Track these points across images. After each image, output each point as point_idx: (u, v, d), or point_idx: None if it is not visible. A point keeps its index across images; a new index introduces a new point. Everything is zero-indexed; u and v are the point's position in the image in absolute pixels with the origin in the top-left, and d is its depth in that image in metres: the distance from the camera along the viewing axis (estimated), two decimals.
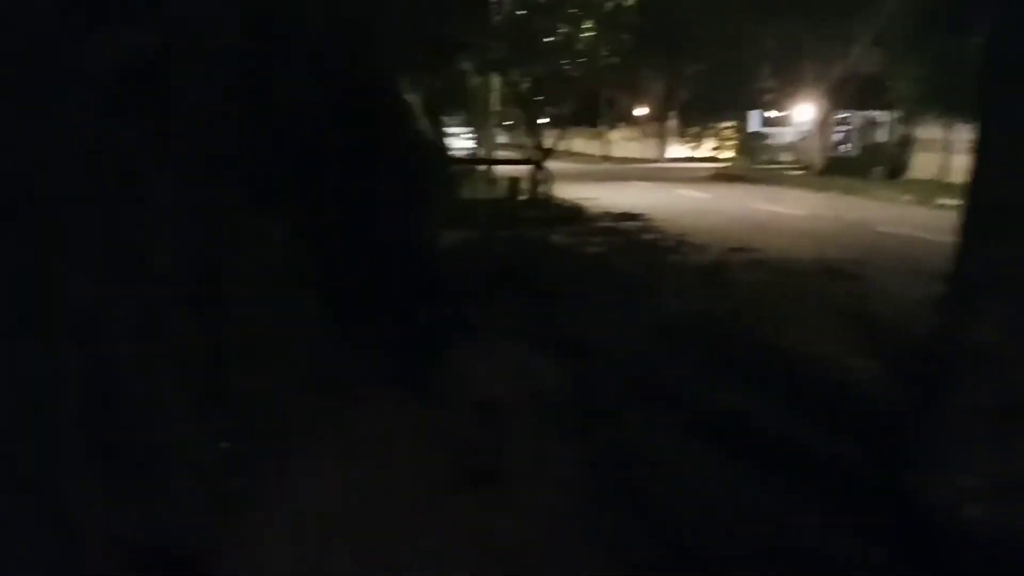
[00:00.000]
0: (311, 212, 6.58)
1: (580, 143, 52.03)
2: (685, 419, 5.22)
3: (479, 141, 27.22)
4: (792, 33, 30.73)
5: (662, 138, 44.66)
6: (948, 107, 22.61)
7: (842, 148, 31.68)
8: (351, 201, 7.02)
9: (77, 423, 3.36)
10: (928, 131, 26.45)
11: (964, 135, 23.62)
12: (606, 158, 45.47)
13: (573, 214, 17.49)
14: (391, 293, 6.83)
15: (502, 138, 32.86)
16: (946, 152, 25.30)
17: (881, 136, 30.51)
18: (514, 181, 19.50)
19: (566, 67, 20.40)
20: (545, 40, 19.85)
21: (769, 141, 39.33)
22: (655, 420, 5.21)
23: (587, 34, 20.96)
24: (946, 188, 22.46)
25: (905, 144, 27.36)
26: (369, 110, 7.78)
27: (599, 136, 47.72)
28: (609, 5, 19.89)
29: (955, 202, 20.47)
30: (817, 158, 29.07)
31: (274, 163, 6.02)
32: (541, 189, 19.47)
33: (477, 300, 7.62)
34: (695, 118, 43.60)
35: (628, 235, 14.71)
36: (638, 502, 4.28)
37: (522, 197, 18.99)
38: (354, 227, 7.11)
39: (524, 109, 21.94)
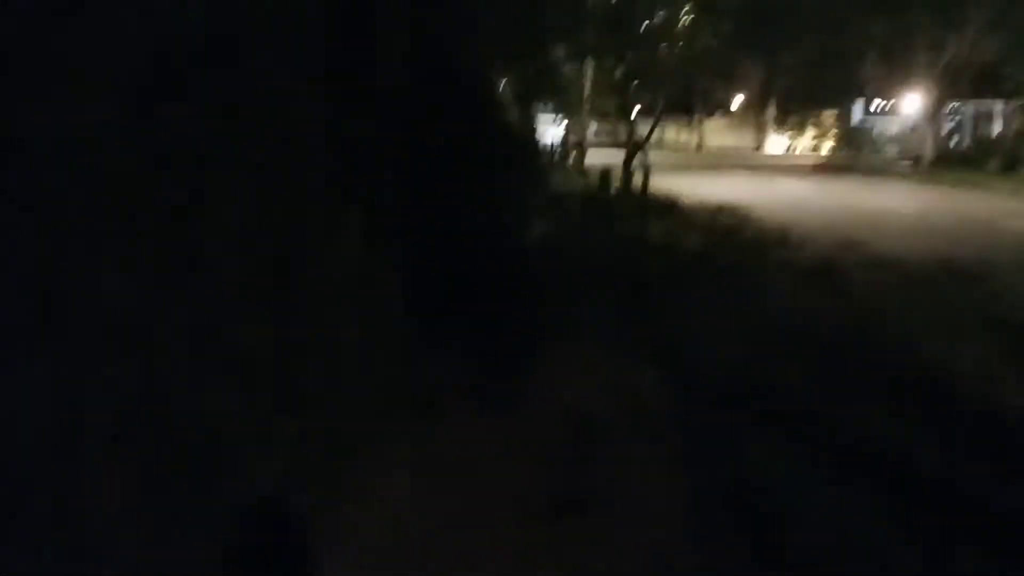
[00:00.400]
0: (394, 205, 6.14)
1: (675, 133, 50.95)
2: (810, 446, 4.59)
3: (572, 131, 26.63)
4: (900, 17, 29.35)
5: (760, 128, 43.25)
6: None
7: (953, 139, 29.99)
8: (437, 194, 6.57)
9: (112, 440, 2.95)
10: None
11: None
12: (701, 148, 44.30)
13: (669, 207, 16.77)
14: (479, 293, 6.36)
15: (595, 128, 32.22)
16: None
17: (995, 127, 28.80)
18: (607, 173, 18.86)
19: (662, 53, 19.60)
20: (641, 24, 19.10)
21: (873, 132, 37.62)
22: (773, 445, 4.59)
23: (685, 18, 20.10)
24: None
25: (1022, 137, 25.70)
26: (459, 99, 7.31)
27: (694, 125, 46.49)
28: None
29: None
30: (927, 150, 27.54)
31: (356, 152, 5.58)
32: (635, 180, 18.80)
33: (570, 301, 7.06)
34: (794, 107, 42.10)
35: (728, 230, 13.94)
36: (754, 540, 3.70)
37: (615, 189, 18.35)
38: (440, 222, 6.66)
39: (618, 98, 21.23)
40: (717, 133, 45.99)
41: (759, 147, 42.31)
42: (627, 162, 18.48)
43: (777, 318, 7.14)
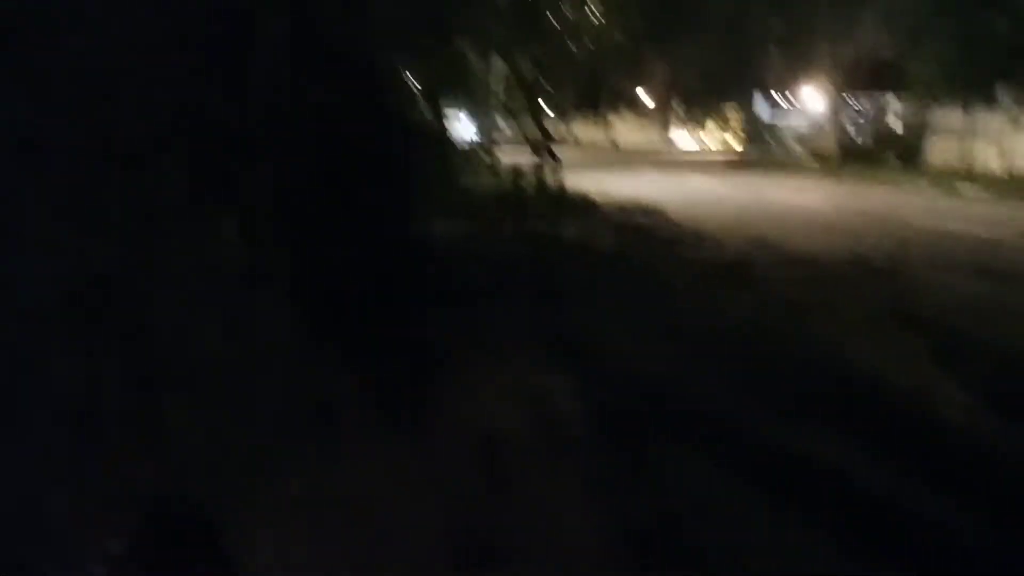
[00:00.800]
0: (280, 204, 5.49)
1: (581, 130, 50.81)
2: (741, 462, 4.12)
3: (480, 128, 26.06)
4: (797, 10, 29.65)
5: (666, 125, 43.45)
6: (969, 89, 21.48)
7: (850, 133, 30.38)
8: (329, 191, 5.93)
9: None
10: (943, 117, 25.33)
11: (982, 120, 22.59)
12: (609, 145, 44.26)
13: (583, 206, 16.35)
14: (378, 298, 5.75)
15: (505, 126, 31.72)
16: (962, 139, 24.20)
17: (892, 122, 29.32)
18: (519, 170, 18.35)
19: (572, 49, 19.20)
20: (550, 19, 18.65)
21: (777, 126, 38.11)
22: (693, 466, 4.11)
23: (594, 12, 19.71)
24: (968, 177, 21.40)
25: (920, 130, 26.16)
26: (350, 88, 6.70)
27: (601, 123, 46.44)
28: None
29: (980, 192, 19.87)
30: (831, 145, 27.84)
31: (229, 145, 4.91)
32: (547, 179, 18.33)
33: (479, 305, 6.50)
34: (699, 103, 42.40)
35: (643, 229, 13.58)
36: None
37: (528, 188, 17.86)
38: (333, 221, 6.03)
39: (527, 94, 20.71)
40: (625, 130, 46.04)
41: (667, 143, 42.48)
42: (540, 160, 17.97)
43: (694, 321, 6.71)
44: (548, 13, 18.25)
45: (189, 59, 4.26)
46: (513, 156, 20.60)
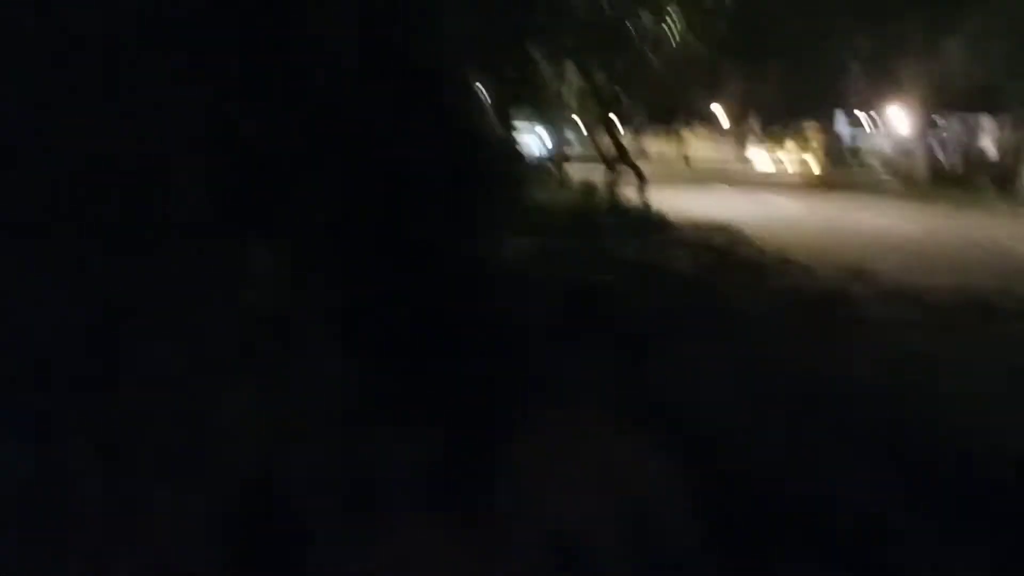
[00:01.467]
0: (329, 233, 4.70)
1: (655, 143, 49.61)
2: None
3: (554, 141, 25.27)
4: (885, 27, 28.23)
5: (743, 142, 42.08)
6: None
7: (940, 155, 28.77)
8: (385, 217, 5.14)
9: None
10: None
11: None
12: (683, 160, 43.06)
13: (657, 223, 15.40)
14: (439, 348, 4.91)
15: (578, 139, 30.98)
16: None
17: (984, 144, 27.69)
18: (591, 185, 17.49)
19: (648, 61, 18.24)
20: (627, 28, 17.72)
21: (859, 148, 36.54)
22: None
23: (673, 23, 18.67)
24: None
25: (1017, 154, 24.55)
26: (418, 101, 5.91)
27: (675, 136, 45.26)
28: None
29: None
30: (920, 167, 26.32)
31: (270, 165, 4.14)
32: (621, 194, 17.43)
33: (550, 353, 5.62)
34: (778, 120, 40.95)
35: (722, 250, 12.58)
36: None
37: (600, 203, 16.98)
38: (391, 251, 5.23)
39: (602, 106, 19.80)
40: (700, 145, 44.79)
41: (742, 161, 41.12)
42: (614, 175, 17.10)
43: (802, 377, 5.72)
44: (626, 22, 17.31)
45: (208, 53, 3.49)
46: (589, 171, 19.79)
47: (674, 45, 18.56)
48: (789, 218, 17.20)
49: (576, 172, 20.60)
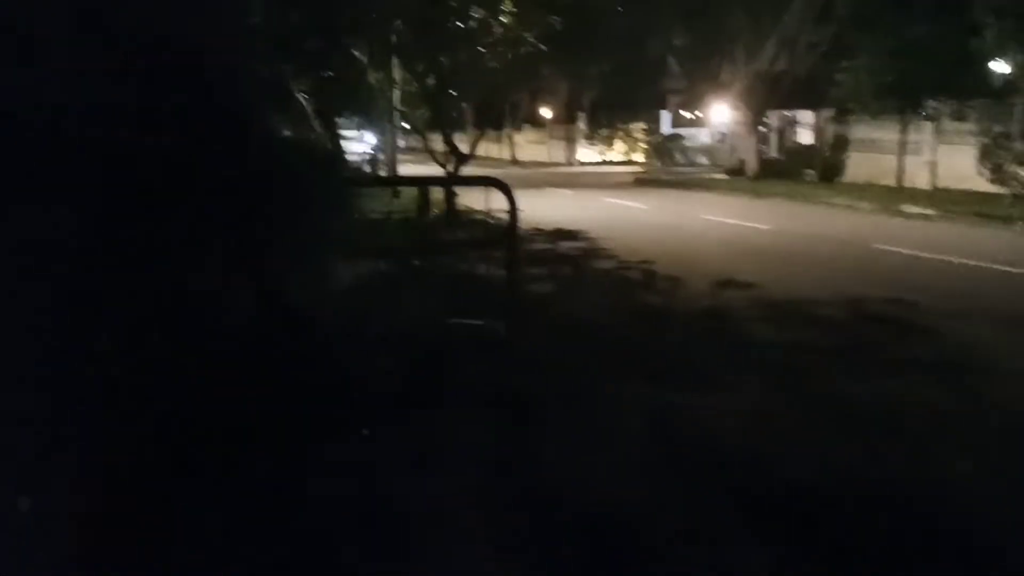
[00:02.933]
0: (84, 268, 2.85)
1: (483, 146, 48.47)
2: None
3: (384, 146, 23.44)
4: (704, 27, 28.08)
5: (571, 141, 41.48)
6: (895, 103, 19.98)
7: (766, 150, 28.77)
8: (162, 249, 3.34)
9: None
10: (862, 131, 23.93)
11: (904, 135, 21.14)
12: (514, 162, 42.05)
13: (500, 232, 13.91)
14: (226, 389, 3.21)
15: (405, 143, 29.30)
16: (879, 153, 22.81)
17: (803, 136, 27.89)
18: (424, 193, 15.79)
19: (481, 57, 16.70)
20: (456, 23, 16.15)
21: (684, 143, 36.55)
22: None
23: (504, 18, 17.17)
24: (897, 193, 19.88)
25: (839, 146, 24.68)
26: (207, 106, 4.13)
27: (504, 139, 44.23)
28: None
29: (924, 210, 18.49)
30: (750, 161, 26.10)
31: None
32: (456, 201, 15.84)
33: (380, 405, 3.96)
34: (604, 119, 40.63)
35: (576, 262, 11.25)
36: None
37: (436, 212, 15.34)
38: (167, 288, 3.47)
39: (432, 108, 18.19)
40: (529, 146, 43.97)
41: (572, 160, 40.50)
42: (448, 180, 15.50)
43: (701, 438, 4.29)
44: (453, 20, 15.74)
45: None
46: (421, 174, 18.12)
47: (501, 45, 17.15)
48: (637, 221, 16.12)
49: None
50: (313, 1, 14.81)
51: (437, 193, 15.76)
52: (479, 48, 16.27)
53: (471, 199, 19.13)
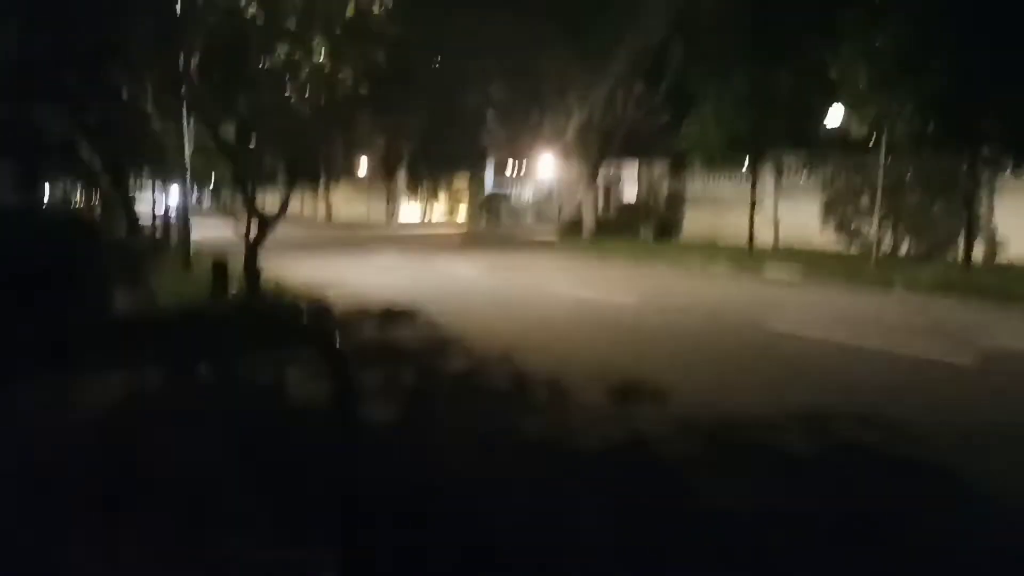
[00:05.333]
0: None
1: (298, 201, 45.15)
2: None
3: (174, 203, 20.02)
4: (521, 81, 26.46)
5: (391, 196, 38.83)
6: (739, 156, 18.65)
7: (597, 205, 27.15)
8: None
9: None
10: (697, 186, 22.70)
11: (749, 189, 19.89)
12: (329, 221, 38.90)
13: (317, 317, 10.99)
14: None
15: (204, 196, 25.74)
16: (717, 209, 21.56)
17: (629, 192, 26.54)
18: (222, 266, 12.63)
19: (288, 101, 13.76)
20: (259, 63, 13.23)
21: (511, 198, 34.68)
22: None
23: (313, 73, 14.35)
24: (743, 254, 18.47)
25: (675, 202, 23.35)
26: None
27: (319, 193, 41.05)
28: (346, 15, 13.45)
29: (785, 275, 15.68)
30: (587, 219, 24.30)
31: None
32: (261, 270, 12.78)
33: None
34: (425, 173, 38.28)
35: (419, 362, 8.52)
36: None
37: (235, 292, 12.20)
38: None
39: (231, 161, 14.99)
40: (346, 202, 40.97)
41: (393, 217, 37.82)
42: (251, 248, 12.41)
43: None
44: (259, 49, 12.76)
45: None
46: (219, 232, 15.00)
47: (313, 95, 14.36)
48: (480, 294, 13.59)
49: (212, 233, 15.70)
50: (62, 23, 11.54)
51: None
52: (285, 92, 13.34)
53: (284, 267, 16.12)
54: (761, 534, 4.12)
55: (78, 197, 42.70)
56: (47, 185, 39.39)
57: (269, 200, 16.17)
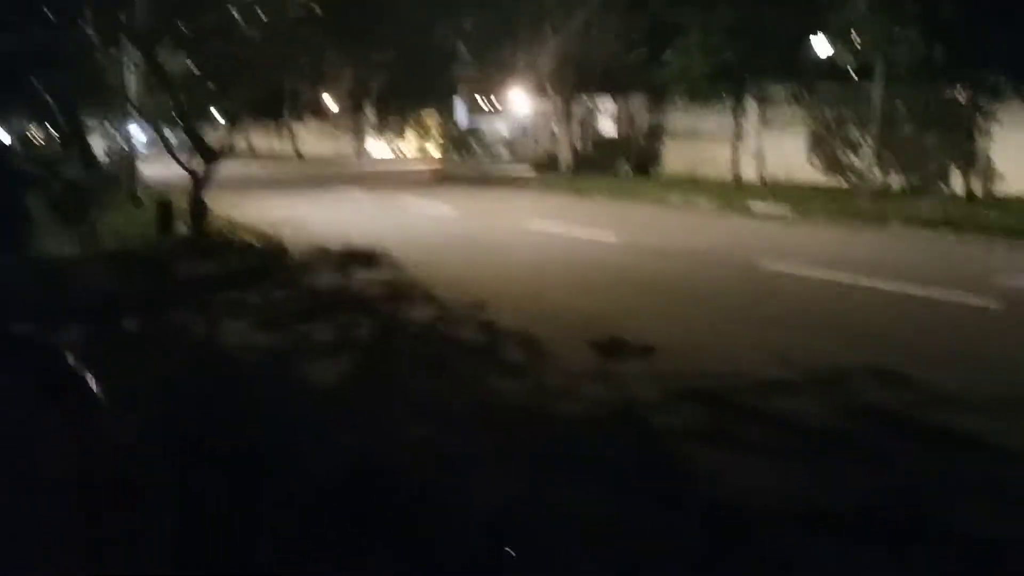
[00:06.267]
0: None
1: (262, 139, 43.55)
2: None
3: (120, 140, 18.67)
4: (492, 10, 24.99)
5: (360, 133, 37.29)
6: (724, 88, 17.49)
7: (574, 140, 25.88)
8: None
9: None
10: (677, 119, 21.54)
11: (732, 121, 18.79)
12: (297, 157, 37.42)
13: (268, 258, 9.92)
14: None
15: (151, 135, 24.20)
16: (698, 142, 20.48)
17: (604, 126, 25.31)
18: (167, 206, 11.46)
19: (243, 44, 12.43)
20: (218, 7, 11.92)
21: (482, 133, 33.27)
22: None
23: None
24: (727, 187, 17.47)
25: (655, 135, 22.21)
26: None
27: (285, 131, 39.44)
28: None
29: (774, 209, 12.85)
30: (565, 154, 23.10)
31: None
32: (213, 212, 11.62)
33: None
34: (393, 108, 36.71)
35: (377, 310, 7.52)
36: None
37: (182, 231, 11.07)
38: None
39: (180, 98, 13.56)
40: (312, 139, 39.42)
41: (360, 153, 36.36)
42: (196, 187, 11.21)
43: None
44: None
45: None
46: (171, 172, 13.80)
47: (274, 28, 13.04)
48: (450, 235, 12.56)
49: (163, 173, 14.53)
50: None
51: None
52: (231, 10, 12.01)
53: (243, 205, 14.99)
54: (777, 531, 3.21)
55: (36, 134, 40.87)
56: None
57: (228, 136, 14.83)
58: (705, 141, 20.24)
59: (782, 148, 18.34)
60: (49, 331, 6.01)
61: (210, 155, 11.09)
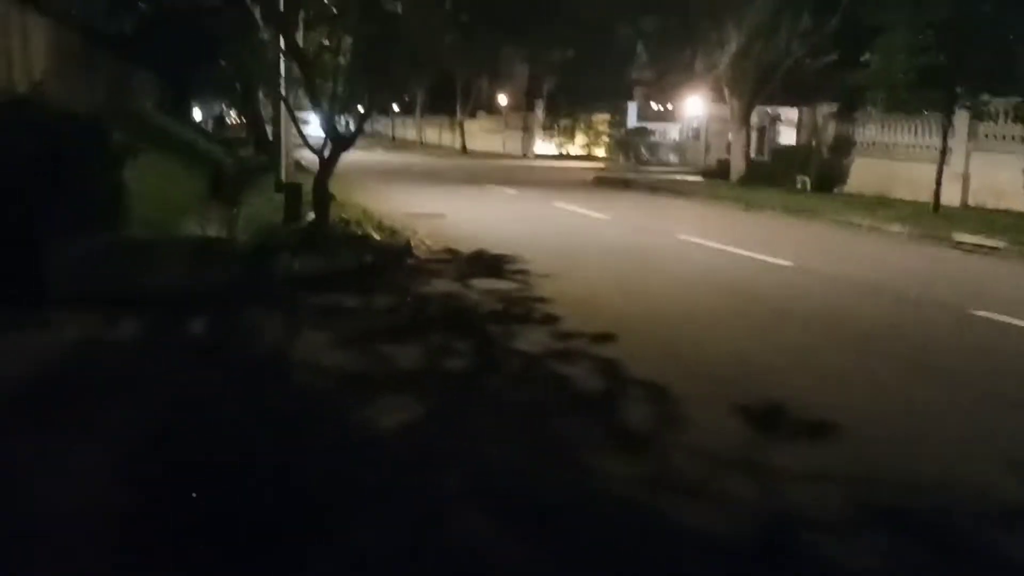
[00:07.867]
0: None
1: (434, 133, 43.55)
2: None
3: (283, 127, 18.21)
4: (674, 13, 23.22)
5: (528, 130, 36.28)
6: (932, 96, 14.93)
7: (747, 150, 23.65)
8: None
9: None
10: (869, 132, 19.01)
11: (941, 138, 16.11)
12: (463, 152, 36.87)
13: (386, 256, 8.69)
14: None
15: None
16: (891, 160, 17.91)
17: (785, 137, 22.91)
18: (294, 192, 10.54)
19: (416, 40, 11.36)
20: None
21: (652, 138, 31.46)
22: None
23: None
24: (925, 212, 14.87)
25: (842, 148, 19.71)
26: None
27: (456, 126, 39.03)
28: None
29: (985, 239, 7.40)
30: (736, 161, 21.06)
31: None
32: (342, 204, 10.61)
33: None
34: (565, 109, 35.49)
35: (485, 333, 6.06)
36: None
37: (306, 220, 10.06)
38: None
39: (302, 69, 12.45)
40: (482, 135, 38.83)
41: (528, 152, 35.35)
42: (321, 173, 10.05)
43: None
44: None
45: None
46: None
47: (448, 24, 12.00)
48: (597, 243, 11.03)
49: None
50: None
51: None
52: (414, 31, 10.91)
53: (387, 197, 14.08)
54: None
55: (234, 118, 42.41)
56: (196, 106, 39.03)
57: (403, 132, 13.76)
58: (899, 156, 17.69)
59: (994, 170, 15.63)
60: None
61: (339, 141, 10.00)
